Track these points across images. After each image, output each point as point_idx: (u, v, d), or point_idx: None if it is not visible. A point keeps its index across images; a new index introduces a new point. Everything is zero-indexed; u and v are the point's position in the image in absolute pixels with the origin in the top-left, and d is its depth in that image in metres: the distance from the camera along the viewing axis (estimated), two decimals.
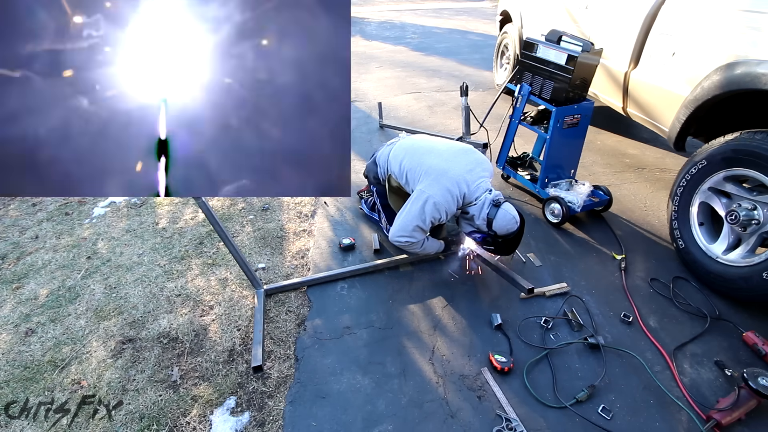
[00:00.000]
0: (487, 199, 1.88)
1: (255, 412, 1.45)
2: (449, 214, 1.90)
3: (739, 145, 1.77)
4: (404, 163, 2.02)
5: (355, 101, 4.51)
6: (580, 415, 1.41)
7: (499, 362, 1.56)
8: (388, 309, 1.86)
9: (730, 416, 1.34)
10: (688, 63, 2.17)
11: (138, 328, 1.79)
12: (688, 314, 1.81)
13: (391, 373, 1.58)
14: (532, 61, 2.40)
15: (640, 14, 2.47)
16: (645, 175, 2.94)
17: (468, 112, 2.88)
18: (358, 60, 6.17)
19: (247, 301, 1.92)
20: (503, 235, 1.90)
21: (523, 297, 1.90)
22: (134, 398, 1.50)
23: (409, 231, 1.89)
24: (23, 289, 2.03)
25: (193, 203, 2.67)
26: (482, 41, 7.56)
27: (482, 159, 2.02)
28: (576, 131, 2.40)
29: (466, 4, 12.68)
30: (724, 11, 1.97)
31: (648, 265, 2.10)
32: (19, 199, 2.78)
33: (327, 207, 2.62)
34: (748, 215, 1.76)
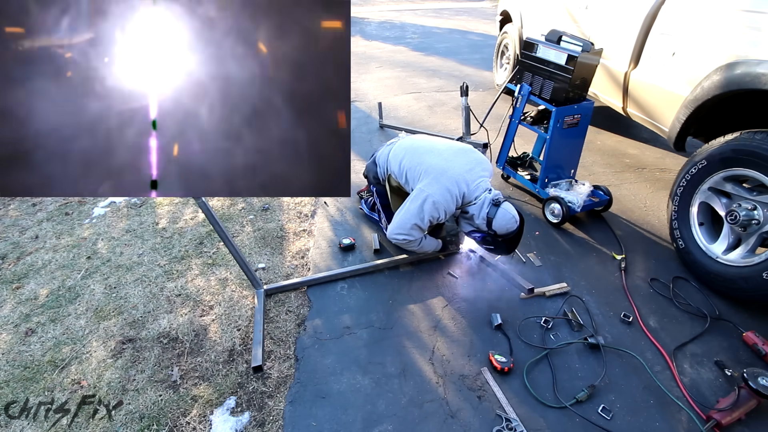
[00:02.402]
0: (486, 199, 1.89)
1: (255, 412, 1.45)
2: (448, 214, 1.91)
3: (739, 145, 1.77)
4: (404, 162, 2.02)
5: (355, 101, 4.51)
6: (580, 415, 1.41)
7: (499, 362, 1.56)
8: (388, 309, 1.86)
9: (730, 416, 1.34)
10: (688, 63, 2.17)
11: (138, 328, 1.79)
12: (688, 314, 1.81)
13: (391, 373, 1.58)
14: (532, 61, 2.40)
15: (640, 14, 2.47)
16: (645, 175, 2.94)
17: (468, 112, 2.88)
18: (358, 60, 6.17)
19: (247, 301, 1.91)
20: (503, 234, 1.90)
21: (523, 297, 1.90)
22: (134, 398, 1.50)
23: (407, 229, 1.89)
24: (23, 289, 2.03)
25: (193, 203, 2.67)
26: (482, 41, 7.56)
27: (482, 159, 2.02)
28: (576, 131, 2.40)
29: (466, 4, 12.68)
30: (724, 11, 1.97)
31: (648, 265, 2.10)
32: (19, 199, 2.78)
33: (327, 207, 2.62)
34: (748, 215, 1.76)
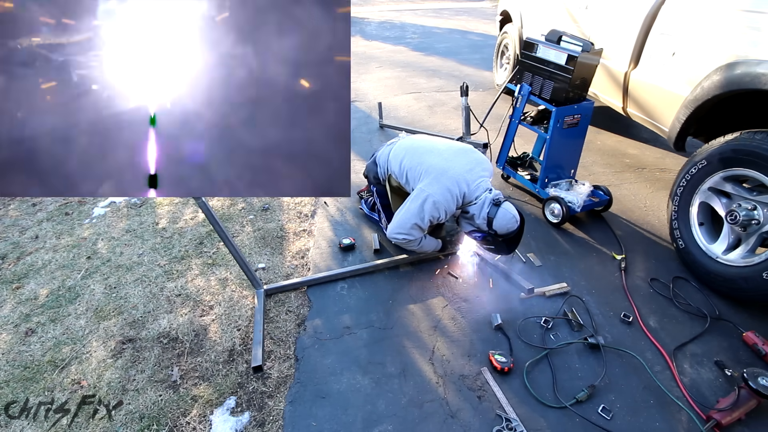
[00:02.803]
0: (487, 199, 1.89)
1: (255, 412, 1.45)
2: (448, 214, 1.91)
3: (739, 145, 1.77)
4: (404, 162, 2.02)
5: (355, 101, 4.51)
6: (580, 415, 1.41)
7: (499, 362, 1.56)
8: (388, 309, 1.86)
9: (730, 416, 1.34)
10: (688, 63, 2.17)
11: (138, 328, 1.79)
12: (688, 314, 1.81)
13: (391, 373, 1.58)
14: (532, 61, 2.40)
15: (640, 14, 2.47)
16: (645, 175, 2.94)
17: (468, 112, 2.88)
18: (358, 60, 6.17)
19: (247, 301, 1.91)
20: (503, 234, 1.90)
21: (523, 297, 1.90)
22: (134, 398, 1.50)
23: (407, 228, 1.89)
24: (23, 289, 2.03)
25: (193, 203, 2.67)
26: (482, 41, 7.56)
27: (482, 158, 2.02)
28: (576, 131, 2.40)
29: (466, 4, 12.68)
30: (724, 11, 1.97)
31: (648, 265, 2.10)
32: (19, 199, 2.78)
33: (327, 207, 2.62)
34: (748, 215, 1.76)
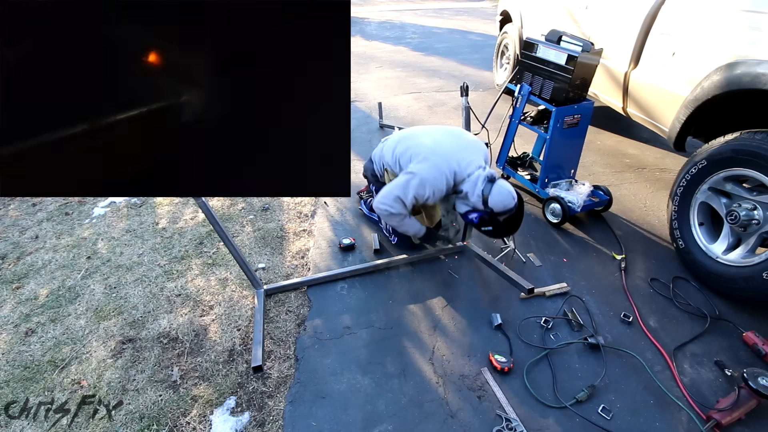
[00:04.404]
0: (480, 176, 1.82)
1: (255, 412, 1.45)
2: (437, 193, 1.85)
3: (739, 145, 1.77)
4: (396, 150, 2.01)
5: (355, 101, 4.51)
6: (580, 415, 1.41)
7: (499, 362, 1.56)
8: (388, 309, 1.86)
9: (730, 416, 1.34)
10: (688, 63, 2.17)
11: (138, 328, 1.79)
12: (688, 314, 1.81)
13: (391, 373, 1.58)
14: (532, 61, 2.40)
15: (640, 14, 2.47)
16: (645, 175, 2.94)
17: (468, 112, 2.88)
18: (358, 60, 6.17)
19: (247, 301, 1.91)
20: (501, 211, 1.81)
21: (523, 297, 1.90)
22: (134, 398, 1.50)
23: (390, 200, 1.86)
24: (23, 289, 2.03)
25: (193, 203, 2.67)
26: (482, 41, 7.56)
27: (475, 140, 2.00)
28: (576, 131, 2.40)
29: (466, 4, 12.67)
30: (724, 11, 1.97)
31: (648, 265, 2.10)
32: (19, 199, 2.78)
33: (327, 207, 2.62)
34: (748, 215, 1.76)
